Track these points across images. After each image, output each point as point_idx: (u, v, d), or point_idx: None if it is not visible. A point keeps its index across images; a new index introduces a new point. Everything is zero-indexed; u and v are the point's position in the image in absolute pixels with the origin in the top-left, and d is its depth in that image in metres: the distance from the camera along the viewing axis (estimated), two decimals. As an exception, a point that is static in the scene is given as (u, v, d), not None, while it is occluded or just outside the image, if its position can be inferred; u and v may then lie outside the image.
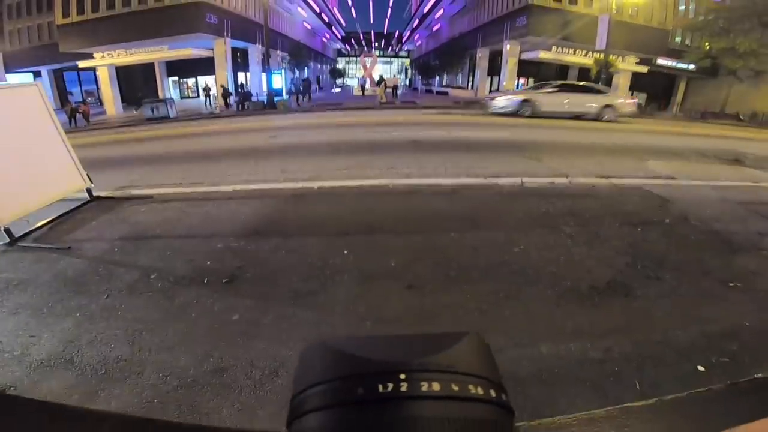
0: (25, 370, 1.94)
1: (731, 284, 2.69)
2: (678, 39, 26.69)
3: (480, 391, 0.20)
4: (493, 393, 0.20)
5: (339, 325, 2.25)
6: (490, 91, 28.86)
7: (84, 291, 2.64)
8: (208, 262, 2.97)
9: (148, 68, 25.13)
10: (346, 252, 3.07)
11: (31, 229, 3.64)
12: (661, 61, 26.03)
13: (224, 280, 2.71)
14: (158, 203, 4.41)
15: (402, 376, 0.20)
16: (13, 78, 25.47)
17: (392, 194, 4.60)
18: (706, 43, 21.42)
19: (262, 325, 2.23)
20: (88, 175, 4.43)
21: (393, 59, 74.99)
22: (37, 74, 27.77)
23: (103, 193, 4.66)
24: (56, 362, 1.99)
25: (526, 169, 5.69)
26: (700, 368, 1.91)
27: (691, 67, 24.76)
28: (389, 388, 0.19)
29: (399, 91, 23.85)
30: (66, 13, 23.71)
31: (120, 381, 1.86)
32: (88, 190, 4.46)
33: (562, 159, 6.45)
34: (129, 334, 2.17)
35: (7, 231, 3.39)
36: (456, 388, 0.19)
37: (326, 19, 46.38)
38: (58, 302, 2.51)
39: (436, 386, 0.19)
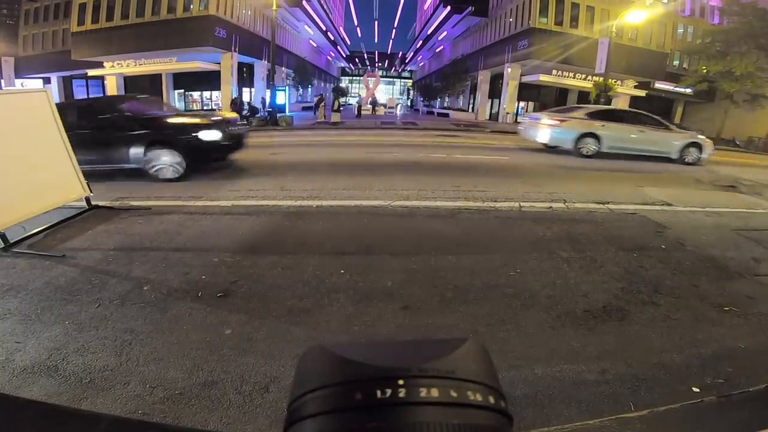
0: (7, 376, 1.90)
1: (726, 309, 2.70)
2: (676, 62, 27.30)
3: (479, 397, 0.20)
4: (491, 399, 0.20)
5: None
6: (490, 114, 29.36)
7: (75, 299, 2.60)
8: (203, 276, 2.95)
9: (155, 80, 25.52)
10: (342, 271, 3.05)
11: (26, 235, 3.62)
12: (659, 85, 26.53)
13: (218, 295, 2.68)
14: (156, 215, 4.40)
15: (400, 382, 0.20)
16: (19, 83, 25.76)
17: (391, 215, 4.61)
18: (704, 67, 21.85)
19: (254, 340, 2.21)
20: (87, 183, 4.44)
21: (396, 80, 76.37)
22: (46, 80, 28.11)
23: (101, 203, 4.65)
24: (40, 369, 1.95)
25: (524, 194, 5.73)
26: (695, 389, 1.92)
27: (689, 91, 25.19)
28: (387, 394, 0.19)
29: (399, 112, 24.15)
30: (81, 21, 24.23)
31: (104, 390, 1.82)
32: (87, 199, 4.45)
33: (561, 184, 6.50)
34: (117, 345, 2.14)
35: (2, 236, 3.37)
36: (455, 394, 0.19)
37: (332, 37, 47.40)
38: (48, 310, 2.48)
39: (434, 392, 0.19)
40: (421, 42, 51.84)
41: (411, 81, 70.09)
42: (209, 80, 24.80)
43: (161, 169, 6.15)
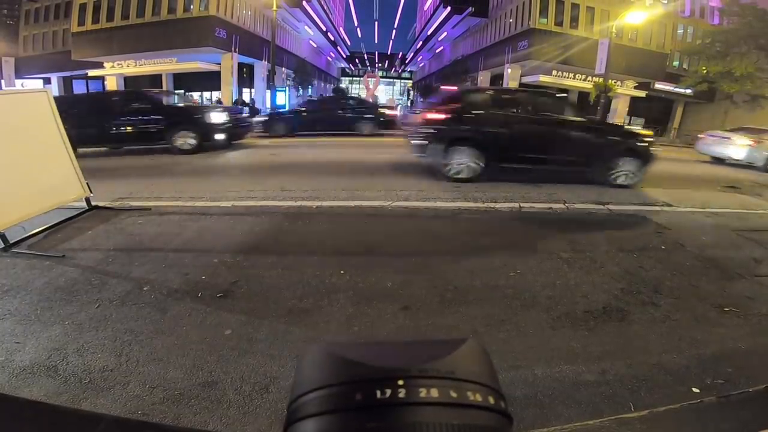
0: (6, 376, 1.90)
1: (726, 309, 2.70)
2: (676, 63, 27.28)
3: (478, 397, 0.20)
4: (491, 400, 0.20)
5: (332, 342, 2.23)
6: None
7: (75, 300, 2.60)
8: (203, 276, 2.95)
9: (155, 80, 25.54)
10: (342, 272, 3.05)
11: (26, 235, 3.62)
12: (659, 86, 26.53)
13: (218, 295, 2.68)
14: (156, 215, 4.40)
15: (400, 383, 0.20)
16: (19, 83, 25.76)
17: (391, 216, 4.61)
18: (704, 67, 21.81)
19: (254, 340, 2.20)
20: (87, 184, 4.44)
21: (396, 80, 76.39)
22: (46, 81, 28.12)
23: (101, 203, 4.64)
24: (39, 369, 1.94)
25: (524, 195, 5.73)
26: (695, 390, 1.92)
27: (689, 91, 25.13)
28: (387, 395, 0.19)
29: (399, 113, 24.04)
30: (81, 21, 24.27)
31: (104, 391, 1.81)
32: (87, 200, 4.45)
33: (560, 185, 6.50)
34: (117, 345, 2.14)
35: (2, 236, 3.37)
36: (454, 395, 0.19)
37: (332, 38, 47.43)
38: (48, 310, 2.48)
39: (434, 392, 0.19)
40: (421, 42, 51.88)
41: (411, 81, 70.10)
42: (209, 80, 24.83)
43: (621, 176, 6.42)
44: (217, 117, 8.96)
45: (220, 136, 8.93)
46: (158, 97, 9.65)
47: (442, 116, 6.32)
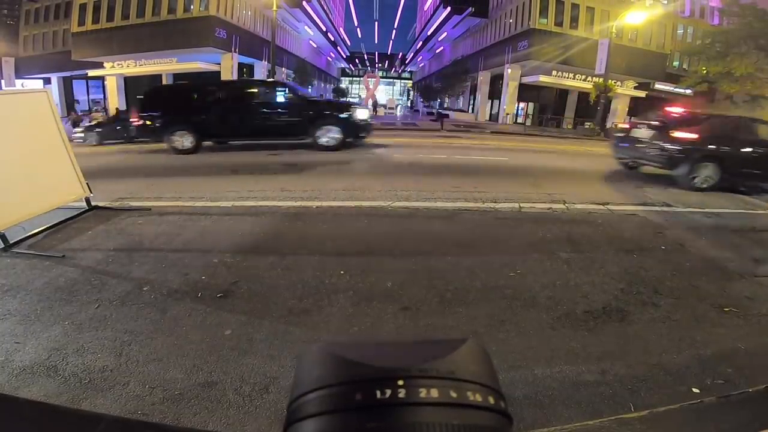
0: (6, 376, 1.90)
1: (726, 309, 2.70)
2: (676, 63, 27.24)
3: (478, 398, 0.20)
4: (491, 400, 0.20)
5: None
6: (490, 115, 29.32)
7: (75, 300, 2.60)
8: (203, 277, 2.95)
9: (155, 80, 25.50)
10: (342, 272, 3.05)
11: (26, 235, 3.62)
12: (659, 86, 26.49)
13: (218, 295, 2.68)
14: (156, 216, 4.40)
15: (400, 383, 0.20)
16: (19, 83, 25.77)
17: (391, 216, 4.61)
18: (703, 68, 21.75)
19: (254, 341, 2.20)
20: (87, 184, 4.43)
21: (396, 80, 76.37)
22: (46, 81, 28.12)
23: (101, 203, 4.64)
24: (39, 369, 1.95)
25: (523, 195, 5.73)
26: (695, 390, 1.92)
27: (689, 91, 25.07)
28: (387, 395, 0.19)
29: (399, 113, 24.00)
30: (81, 21, 24.28)
31: (104, 391, 1.82)
32: (87, 200, 4.45)
33: (560, 185, 6.49)
34: (117, 345, 2.14)
35: (2, 237, 3.37)
36: (454, 395, 0.19)
37: (332, 38, 47.44)
38: (48, 310, 2.48)
39: (434, 393, 0.19)
40: (421, 43, 51.85)
41: (411, 82, 70.09)
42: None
43: None
44: (362, 113, 8.90)
45: (363, 133, 8.83)
46: (303, 90, 9.40)
47: (692, 136, 7.09)
